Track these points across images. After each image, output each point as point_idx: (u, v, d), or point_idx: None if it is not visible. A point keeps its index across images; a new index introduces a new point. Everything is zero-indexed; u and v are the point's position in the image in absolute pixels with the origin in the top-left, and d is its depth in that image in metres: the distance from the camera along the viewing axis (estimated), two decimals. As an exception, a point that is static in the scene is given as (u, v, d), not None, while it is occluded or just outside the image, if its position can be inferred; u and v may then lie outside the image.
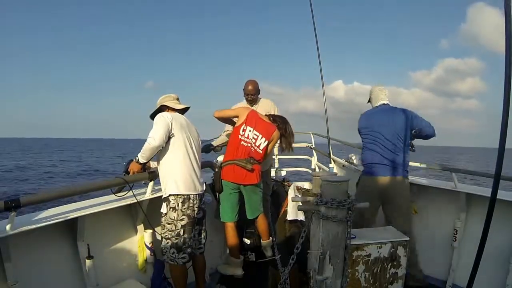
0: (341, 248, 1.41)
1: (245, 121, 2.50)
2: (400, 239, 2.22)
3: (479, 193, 2.50)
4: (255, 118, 2.53)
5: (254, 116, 2.54)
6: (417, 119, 2.46)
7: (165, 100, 2.24)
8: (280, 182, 4.24)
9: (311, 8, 2.37)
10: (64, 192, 1.82)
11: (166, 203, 2.06)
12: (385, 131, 2.49)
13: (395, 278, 2.18)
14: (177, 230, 2.05)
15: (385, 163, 2.47)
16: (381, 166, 2.49)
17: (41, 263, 1.79)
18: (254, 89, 2.97)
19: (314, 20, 2.35)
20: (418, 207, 2.99)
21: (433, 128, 2.44)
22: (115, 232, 2.23)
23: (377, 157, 2.51)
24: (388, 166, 2.46)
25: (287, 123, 2.69)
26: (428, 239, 2.82)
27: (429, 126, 2.44)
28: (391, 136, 2.47)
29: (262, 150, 2.53)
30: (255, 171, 2.48)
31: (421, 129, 2.43)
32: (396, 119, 2.49)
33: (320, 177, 1.47)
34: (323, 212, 1.38)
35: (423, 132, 2.44)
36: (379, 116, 2.57)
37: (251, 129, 2.50)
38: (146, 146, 2.01)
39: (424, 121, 2.46)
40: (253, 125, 2.51)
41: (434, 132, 2.45)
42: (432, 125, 2.44)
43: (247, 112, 2.54)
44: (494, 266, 2.29)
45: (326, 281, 1.40)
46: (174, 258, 2.06)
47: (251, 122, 2.51)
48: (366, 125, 2.63)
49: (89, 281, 1.91)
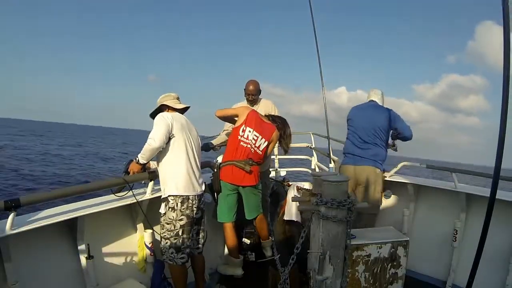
0: (341, 248, 1.41)
1: (245, 122, 2.50)
2: (400, 239, 2.22)
3: (479, 193, 2.51)
4: (255, 118, 2.53)
5: (254, 116, 2.53)
6: (398, 120, 2.63)
7: (165, 99, 2.24)
8: (280, 182, 4.24)
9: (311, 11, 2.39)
10: (64, 192, 1.82)
11: (165, 203, 2.06)
12: (365, 125, 2.70)
13: (395, 278, 2.18)
14: (176, 230, 2.05)
15: (356, 153, 2.72)
16: (352, 156, 2.76)
17: (41, 263, 1.79)
18: (255, 89, 2.98)
19: (314, 23, 2.36)
20: (417, 206, 2.99)
21: (411, 132, 2.62)
22: (115, 232, 2.23)
23: (351, 148, 2.77)
24: (359, 157, 2.70)
25: (286, 125, 2.70)
26: (428, 239, 2.83)
27: (408, 129, 2.62)
28: (368, 130, 2.67)
29: (262, 151, 2.53)
30: (254, 172, 2.48)
31: (400, 130, 2.62)
32: (377, 116, 2.68)
33: (320, 177, 1.47)
34: (323, 212, 1.38)
35: (401, 133, 2.63)
36: (363, 111, 2.78)
37: (251, 130, 2.49)
38: (146, 147, 2.01)
39: (404, 123, 2.63)
40: (253, 126, 2.50)
41: (411, 135, 2.64)
42: (410, 129, 2.61)
43: (247, 112, 2.53)
44: (494, 266, 2.30)
45: (326, 281, 1.40)
46: (173, 258, 2.06)
47: (251, 123, 2.50)
48: (351, 117, 2.85)
49: (89, 281, 1.91)
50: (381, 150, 2.70)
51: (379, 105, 2.79)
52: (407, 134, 2.65)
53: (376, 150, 2.68)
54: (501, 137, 1.05)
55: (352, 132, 2.80)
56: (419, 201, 3.00)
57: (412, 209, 2.98)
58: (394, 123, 2.65)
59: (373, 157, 2.69)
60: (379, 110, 2.74)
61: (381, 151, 2.70)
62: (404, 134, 2.64)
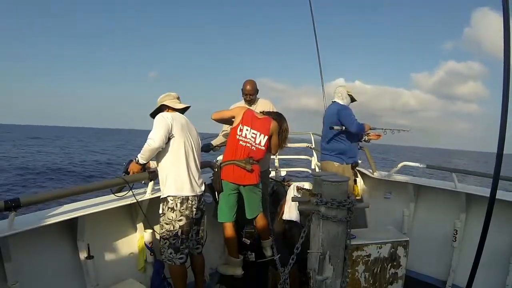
0: (341, 248, 1.41)
1: (241, 121, 2.51)
2: (400, 239, 2.22)
3: (479, 193, 2.51)
4: (250, 116, 2.54)
5: (249, 115, 2.55)
6: (343, 118, 2.88)
7: (165, 99, 2.23)
8: (280, 182, 4.24)
9: (311, 7, 2.40)
10: (64, 192, 1.82)
11: (165, 204, 2.06)
12: (325, 124, 3.06)
13: (395, 278, 2.18)
14: (175, 231, 2.05)
15: (324, 151, 3.10)
16: (322, 154, 3.16)
17: (41, 263, 1.79)
18: (253, 89, 2.97)
19: (313, 18, 2.37)
20: (417, 206, 2.99)
21: (355, 127, 2.87)
22: (115, 232, 2.23)
23: (322, 146, 3.17)
24: (326, 154, 3.08)
25: (282, 119, 2.71)
26: (428, 239, 2.83)
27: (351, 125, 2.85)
28: (326, 128, 3.03)
29: (264, 146, 2.54)
30: (254, 171, 2.49)
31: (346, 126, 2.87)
32: (330, 115, 3.01)
33: (320, 177, 1.47)
34: (323, 212, 1.38)
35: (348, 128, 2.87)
36: (326, 112, 3.13)
37: (248, 128, 2.51)
38: (145, 147, 2.01)
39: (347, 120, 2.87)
40: (250, 124, 2.52)
41: (356, 130, 2.89)
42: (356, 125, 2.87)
43: (243, 112, 2.55)
44: (494, 266, 2.29)
45: (326, 281, 1.40)
46: (172, 259, 2.06)
47: (247, 122, 2.52)
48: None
49: (89, 281, 1.91)
50: (336, 144, 2.99)
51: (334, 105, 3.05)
52: (352, 130, 2.87)
53: (332, 145, 3.00)
54: (501, 137, 1.05)
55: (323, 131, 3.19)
56: (419, 201, 3.00)
57: (412, 209, 2.98)
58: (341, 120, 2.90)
59: (330, 151, 3.03)
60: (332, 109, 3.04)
61: (335, 145, 2.99)
62: (349, 129, 2.87)
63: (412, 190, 2.97)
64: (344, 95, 3.02)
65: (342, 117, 2.89)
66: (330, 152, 3.02)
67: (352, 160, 3.03)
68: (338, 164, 2.97)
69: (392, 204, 3.18)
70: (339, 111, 2.93)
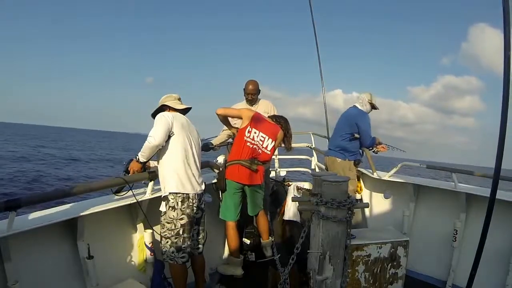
0: (341, 248, 1.41)
1: (250, 123, 2.54)
2: (400, 239, 2.22)
3: (479, 193, 2.51)
4: (260, 120, 2.58)
5: (259, 118, 2.58)
6: (361, 126, 3.02)
7: (166, 99, 2.25)
8: (280, 182, 4.24)
9: (312, 14, 2.41)
10: (64, 192, 1.82)
11: (166, 202, 2.07)
12: (339, 125, 3.23)
13: (395, 278, 2.18)
14: (177, 229, 2.05)
15: (330, 147, 3.27)
16: (328, 150, 3.33)
17: (41, 263, 1.79)
18: (255, 89, 3.00)
19: (314, 25, 2.38)
20: (417, 206, 2.99)
21: (368, 143, 3.08)
22: (115, 232, 2.23)
23: (330, 142, 3.37)
24: (331, 150, 3.23)
25: (288, 124, 2.76)
26: (428, 239, 2.83)
27: (366, 140, 3.05)
28: (339, 129, 3.18)
29: (270, 151, 2.59)
30: (259, 172, 2.54)
31: (361, 138, 3.04)
32: (347, 116, 3.16)
33: (320, 177, 1.47)
34: (323, 212, 1.38)
35: (362, 141, 3.07)
36: (343, 114, 3.27)
37: (257, 131, 2.54)
38: (146, 145, 2.01)
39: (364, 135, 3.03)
40: (259, 128, 2.55)
41: (369, 145, 3.11)
42: (370, 140, 3.08)
43: (252, 114, 2.56)
44: (494, 266, 2.29)
45: (326, 281, 1.40)
46: (174, 258, 2.06)
47: (256, 125, 2.55)
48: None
49: (89, 281, 1.91)
50: (347, 144, 3.10)
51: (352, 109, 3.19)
52: (365, 145, 3.10)
53: (344, 144, 3.12)
54: (501, 137, 1.05)
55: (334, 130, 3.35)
56: (419, 201, 3.00)
57: (412, 209, 2.98)
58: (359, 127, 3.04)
59: (341, 150, 3.15)
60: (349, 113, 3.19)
61: (347, 145, 3.10)
62: (362, 139, 3.06)
63: (412, 190, 2.97)
64: (364, 102, 3.14)
65: (359, 124, 3.05)
66: (335, 147, 3.19)
67: (354, 157, 3.15)
68: (340, 160, 3.12)
69: (392, 204, 3.19)
70: (356, 116, 3.09)
